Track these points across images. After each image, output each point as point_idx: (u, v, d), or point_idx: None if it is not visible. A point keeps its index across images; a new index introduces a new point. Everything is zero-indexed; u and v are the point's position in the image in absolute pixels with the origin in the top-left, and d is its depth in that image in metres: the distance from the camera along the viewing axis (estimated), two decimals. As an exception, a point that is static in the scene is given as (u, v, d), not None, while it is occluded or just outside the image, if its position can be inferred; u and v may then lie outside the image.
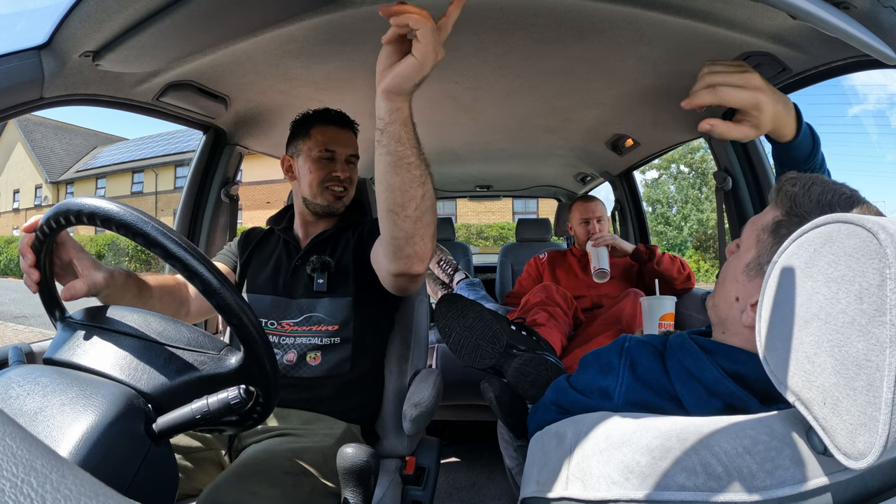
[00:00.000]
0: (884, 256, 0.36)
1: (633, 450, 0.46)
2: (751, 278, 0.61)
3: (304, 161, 1.11)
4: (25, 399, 0.46)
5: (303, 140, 1.12)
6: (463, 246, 3.07)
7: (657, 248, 1.79)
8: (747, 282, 0.61)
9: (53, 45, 0.79)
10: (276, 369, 0.57)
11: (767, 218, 0.62)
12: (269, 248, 1.15)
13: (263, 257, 1.13)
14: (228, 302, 0.52)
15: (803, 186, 0.59)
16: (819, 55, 0.95)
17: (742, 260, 0.63)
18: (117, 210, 0.53)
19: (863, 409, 0.36)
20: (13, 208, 20.93)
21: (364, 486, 0.88)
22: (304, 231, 1.16)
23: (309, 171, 1.09)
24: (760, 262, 0.60)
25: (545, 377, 0.95)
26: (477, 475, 2.03)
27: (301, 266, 1.08)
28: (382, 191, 0.75)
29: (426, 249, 0.81)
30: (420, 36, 0.62)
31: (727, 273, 0.66)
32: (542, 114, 1.65)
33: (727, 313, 0.64)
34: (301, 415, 0.97)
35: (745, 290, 0.61)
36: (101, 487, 0.20)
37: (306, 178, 1.10)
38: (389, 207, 0.75)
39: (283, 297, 1.05)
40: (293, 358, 1.01)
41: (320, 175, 1.09)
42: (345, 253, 1.09)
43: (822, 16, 0.56)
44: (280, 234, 1.15)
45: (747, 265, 0.62)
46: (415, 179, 0.73)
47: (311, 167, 1.09)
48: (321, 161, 1.10)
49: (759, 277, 0.59)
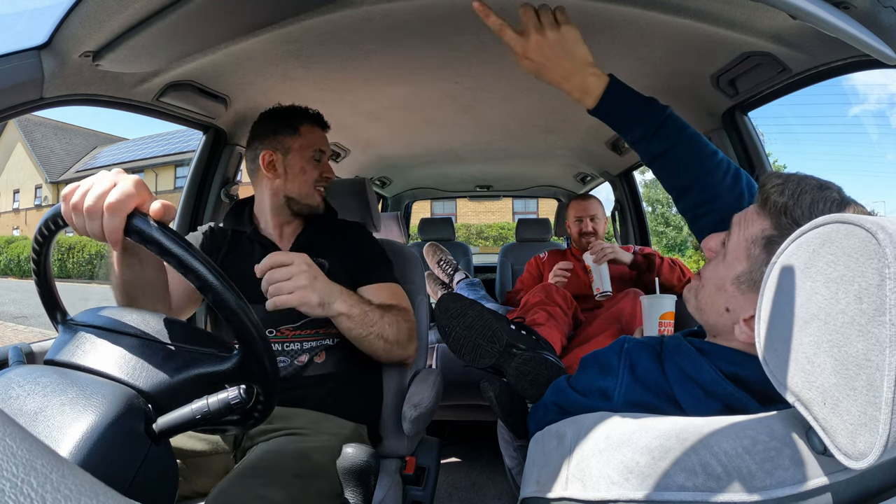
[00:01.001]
0: (883, 256, 0.36)
1: (632, 450, 0.46)
2: (743, 292, 0.59)
3: (295, 159, 1.09)
4: (25, 399, 0.46)
5: (291, 137, 1.09)
6: (463, 246, 3.07)
7: (656, 256, 1.76)
8: (738, 295, 0.60)
9: (53, 45, 0.79)
10: (276, 368, 0.57)
11: (755, 229, 0.59)
12: (245, 253, 1.08)
13: (243, 264, 1.05)
14: (225, 298, 0.52)
15: (792, 195, 0.56)
16: (819, 55, 0.95)
17: (731, 271, 0.61)
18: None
19: (863, 409, 0.36)
20: (13, 208, 20.93)
21: (364, 486, 0.88)
22: (279, 232, 1.12)
23: (303, 171, 1.08)
24: (753, 278, 0.58)
25: (545, 376, 0.95)
26: (477, 475, 2.03)
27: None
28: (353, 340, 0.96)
29: (408, 352, 1.05)
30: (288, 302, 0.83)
31: (711, 279, 0.64)
32: (542, 114, 1.65)
33: (716, 321, 0.63)
34: (308, 414, 0.97)
35: (737, 302, 0.60)
36: (101, 487, 0.20)
37: (298, 177, 1.08)
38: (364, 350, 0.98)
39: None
40: (305, 360, 1.02)
41: (315, 175, 1.09)
42: (336, 256, 1.09)
43: (822, 16, 0.56)
44: (253, 237, 1.10)
45: (737, 277, 0.60)
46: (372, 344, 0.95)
47: (305, 167, 1.09)
48: (313, 161, 1.10)
49: (753, 293, 0.58)
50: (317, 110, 1.16)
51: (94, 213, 0.54)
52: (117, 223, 0.53)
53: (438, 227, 3.10)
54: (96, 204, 0.54)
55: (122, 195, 0.53)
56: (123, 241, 0.55)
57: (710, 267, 0.65)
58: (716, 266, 0.64)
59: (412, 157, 2.31)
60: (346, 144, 2.01)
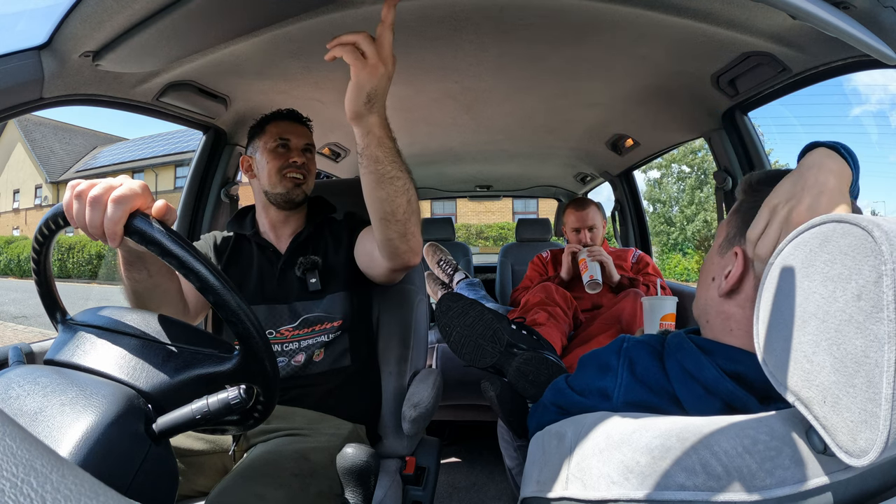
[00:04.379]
0: (879, 254, 0.36)
1: (632, 449, 0.46)
2: (722, 255, 0.64)
3: (261, 155, 1.11)
4: (25, 399, 0.46)
5: (259, 137, 1.13)
6: (463, 246, 3.07)
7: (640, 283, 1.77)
8: (719, 259, 0.65)
9: (53, 45, 0.79)
10: (276, 368, 0.57)
11: (735, 206, 0.67)
12: (245, 256, 1.11)
13: (242, 266, 1.10)
14: (226, 299, 0.52)
15: (762, 173, 0.65)
16: (819, 55, 0.95)
17: (715, 246, 0.67)
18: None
19: (863, 406, 0.36)
20: (13, 208, 20.94)
21: (364, 486, 0.88)
22: (275, 233, 1.14)
23: (266, 162, 1.09)
24: (729, 238, 0.64)
25: (545, 376, 0.96)
26: (477, 475, 2.03)
27: (288, 270, 1.07)
28: (371, 203, 0.84)
29: (418, 243, 0.91)
30: (345, 58, 0.70)
31: (703, 267, 0.70)
32: (542, 114, 1.65)
33: (705, 296, 0.66)
34: (307, 414, 0.98)
35: (718, 266, 0.64)
36: (101, 487, 0.20)
37: (264, 170, 1.10)
38: (381, 216, 0.85)
39: (276, 303, 1.05)
40: (301, 359, 1.02)
41: (277, 164, 1.09)
42: (330, 252, 1.10)
43: (822, 16, 0.56)
44: (252, 240, 1.12)
45: (719, 247, 0.65)
46: (398, 190, 0.82)
47: (267, 158, 1.10)
48: (277, 150, 1.10)
49: (729, 250, 0.63)
50: (290, 108, 1.17)
51: (97, 202, 0.55)
52: (119, 215, 0.53)
53: (438, 227, 3.09)
54: (103, 194, 0.55)
55: (128, 191, 0.54)
56: (121, 239, 0.55)
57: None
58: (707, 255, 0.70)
59: (412, 156, 2.30)
60: (345, 144, 2.01)
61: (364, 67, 0.70)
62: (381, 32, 0.71)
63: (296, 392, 1.00)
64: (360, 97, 0.73)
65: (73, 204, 0.56)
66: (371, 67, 0.70)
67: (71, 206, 0.56)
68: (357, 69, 0.71)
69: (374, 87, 0.72)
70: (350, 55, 0.70)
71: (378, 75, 0.71)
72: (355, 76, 0.71)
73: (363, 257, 1.05)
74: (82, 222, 0.56)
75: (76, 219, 0.56)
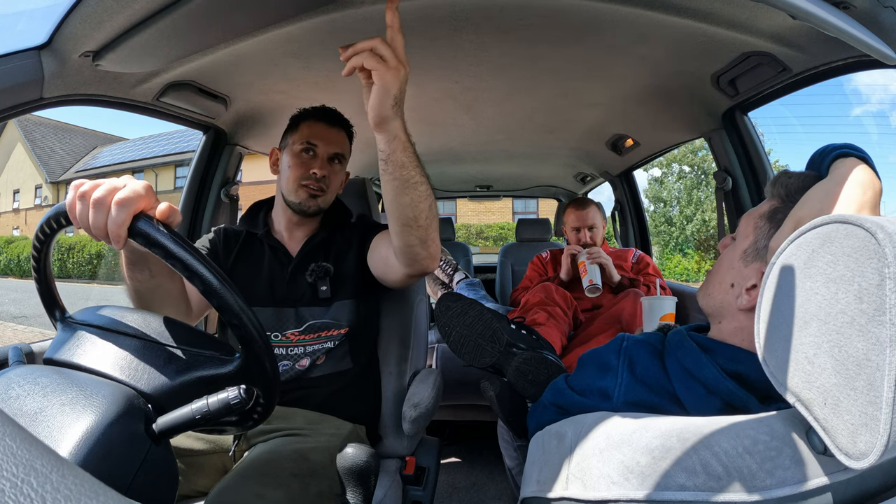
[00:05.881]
0: (882, 256, 0.36)
1: (632, 450, 0.46)
2: (747, 264, 0.63)
3: (287, 155, 1.08)
4: (25, 399, 0.46)
5: (291, 133, 1.09)
6: (463, 246, 3.07)
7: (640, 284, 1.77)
8: (743, 267, 0.63)
9: (53, 45, 0.79)
10: (277, 370, 0.57)
11: (764, 207, 0.64)
12: (256, 255, 1.09)
13: (252, 265, 1.08)
14: (229, 302, 0.52)
15: (799, 177, 0.62)
16: (819, 55, 0.95)
17: (738, 248, 0.65)
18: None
19: (863, 409, 0.36)
20: (13, 208, 20.93)
21: (364, 486, 0.88)
22: (289, 234, 1.11)
23: (289, 167, 1.06)
24: (758, 248, 0.62)
25: (545, 375, 0.96)
26: (477, 475, 2.03)
27: (299, 273, 1.05)
28: (394, 209, 0.82)
29: (437, 249, 0.90)
30: (367, 64, 0.68)
31: (722, 263, 0.68)
32: (542, 114, 1.65)
33: (722, 300, 0.65)
34: (307, 414, 0.97)
35: (741, 275, 0.63)
36: (101, 487, 0.20)
37: (285, 173, 1.07)
38: (403, 222, 0.83)
39: (284, 307, 1.03)
40: (306, 364, 1.02)
41: (298, 172, 1.05)
42: (341, 258, 1.08)
43: (822, 16, 0.56)
44: (264, 239, 1.09)
45: (744, 252, 0.64)
46: (421, 195, 0.80)
47: (291, 162, 1.06)
48: (301, 156, 1.06)
49: (756, 262, 0.62)
50: (333, 108, 1.13)
51: (101, 204, 0.54)
52: (123, 217, 0.52)
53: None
54: (106, 196, 0.53)
55: (132, 192, 0.53)
56: (125, 241, 0.55)
57: (721, 256, 0.69)
58: (725, 253, 0.68)
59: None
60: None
61: (388, 70, 0.69)
62: (392, 36, 0.69)
63: (297, 394, 1.00)
64: (388, 101, 0.71)
65: (76, 205, 0.55)
66: (394, 70, 0.69)
67: (74, 207, 0.55)
68: (381, 73, 0.68)
69: (399, 89, 0.71)
70: (371, 60, 0.68)
71: (401, 77, 0.70)
72: (380, 80, 0.69)
73: (378, 263, 1.02)
74: (85, 224, 0.55)
75: (79, 220, 0.56)
